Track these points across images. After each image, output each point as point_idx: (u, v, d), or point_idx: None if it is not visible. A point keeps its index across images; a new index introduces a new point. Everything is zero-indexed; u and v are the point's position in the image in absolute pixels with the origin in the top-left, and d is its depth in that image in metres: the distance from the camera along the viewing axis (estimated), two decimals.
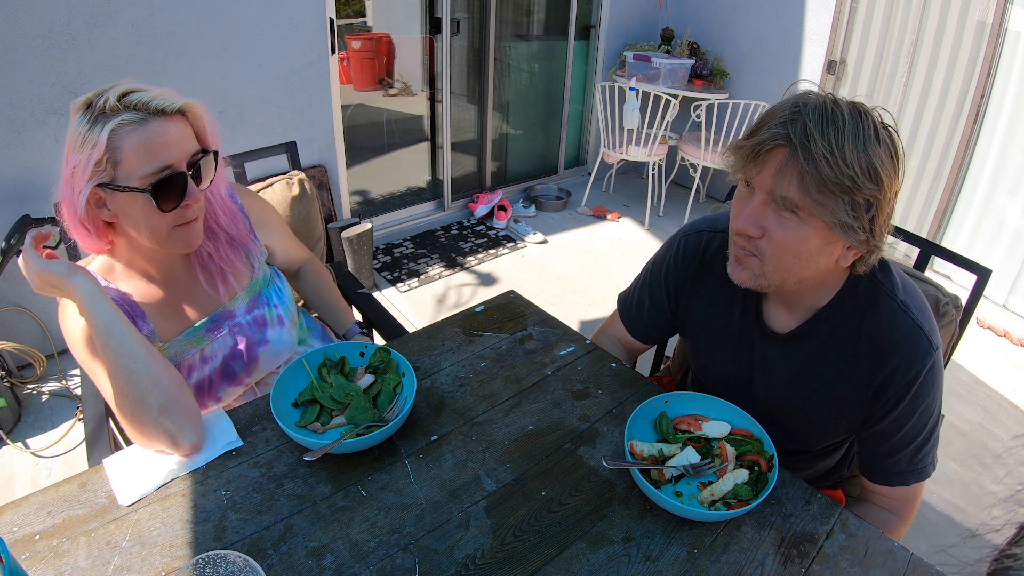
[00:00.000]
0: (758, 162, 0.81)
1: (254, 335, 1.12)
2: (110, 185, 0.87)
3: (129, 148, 0.85)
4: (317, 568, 0.76)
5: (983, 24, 2.83)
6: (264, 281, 1.17)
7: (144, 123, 0.86)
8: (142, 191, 0.88)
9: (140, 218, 0.91)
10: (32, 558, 0.75)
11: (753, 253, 0.87)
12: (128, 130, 0.85)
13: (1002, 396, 2.56)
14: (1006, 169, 2.95)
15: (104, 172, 0.86)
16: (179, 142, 0.90)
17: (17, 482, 1.93)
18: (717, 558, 0.81)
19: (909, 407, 0.92)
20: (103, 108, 0.85)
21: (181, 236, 0.96)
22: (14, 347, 2.19)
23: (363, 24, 3.86)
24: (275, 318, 1.15)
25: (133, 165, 0.86)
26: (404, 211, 3.65)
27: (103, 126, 0.84)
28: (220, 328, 1.09)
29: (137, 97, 0.86)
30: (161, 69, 2.31)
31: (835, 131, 0.75)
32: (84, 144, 0.84)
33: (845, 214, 0.77)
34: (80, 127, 0.85)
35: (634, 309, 1.21)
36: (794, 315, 0.98)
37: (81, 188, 0.86)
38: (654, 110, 3.55)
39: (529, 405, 1.05)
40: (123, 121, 0.85)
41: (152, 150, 0.87)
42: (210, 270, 1.07)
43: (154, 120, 0.87)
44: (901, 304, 0.90)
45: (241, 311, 1.12)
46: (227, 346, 1.09)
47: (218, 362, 1.09)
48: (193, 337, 1.06)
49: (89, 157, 0.84)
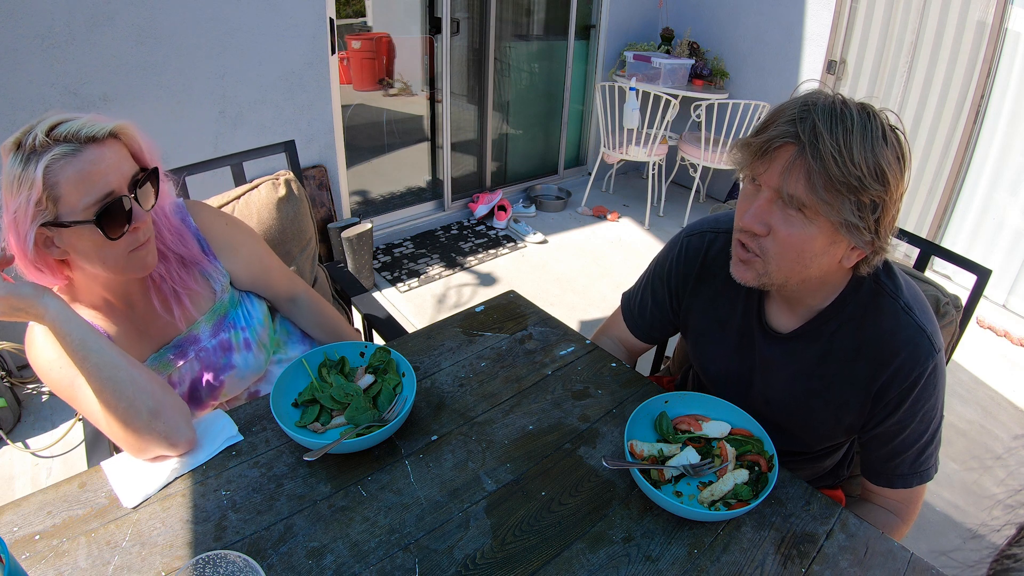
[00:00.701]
0: (766, 159, 0.81)
1: (219, 360, 1.10)
2: (54, 223, 0.84)
3: (66, 182, 0.82)
4: (317, 568, 0.76)
5: (983, 24, 2.83)
6: (231, 303, 1.13)
7: (77, 153, 0.83)
8: (87, 223, 0.85)
9: (91, 250, 0.88)
10: (32, 558, 0.75)
11: (757, 252, 0.87)
12: (62, 164, 0.82)
13: (1002, 396, 2.56)
14: (1006, 169, 2.95)
15: (46, 211, 0.83)
16: (116, 166, 0.87)
17: (17, 482, 1.93)
18: (717, 558, 0.81)
19: (911, 409, 0.92)
20: (33, 146, 0.82)
21: (137, 260, 0.93)
22: (14, 347, 2.19)
23: (363, 24, 3.86)
24: (241, 342, 1.13)
25: (74, 198, 0.83)
26: (404, 211, 3.65)
27: (36, 164, 0.81)
28: (186, 353, 1.08)
29: (65, 128, 0.83)
30: (161, 69, 2.31)
31: (844, 131, 0.75)
32: (21, 185, 0.81)
33: (851, 214, 0.77)
34: (13, 169, 0.82)
35: (636, 309, 1.21)
36: (796, 315, 0.98)
37: (26, 231, 0.83)
38: (654, 110, 3.55)
39: (529, 405, 1.05)
40: (55, 155, 0.82)
41: (90, 179, 0.84)
42: (164, 292, 1.04)
43: (87, 149, 0.84)
44: (904, 306, 0.90)
45: (206, 335, 1.09)
46: (193, 370, 1.08)
47: (185, 387, 1.08)
48: (158, 363, 1.05)
49: (28, 198, 0.81)
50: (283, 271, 1.25)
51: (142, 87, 2.28)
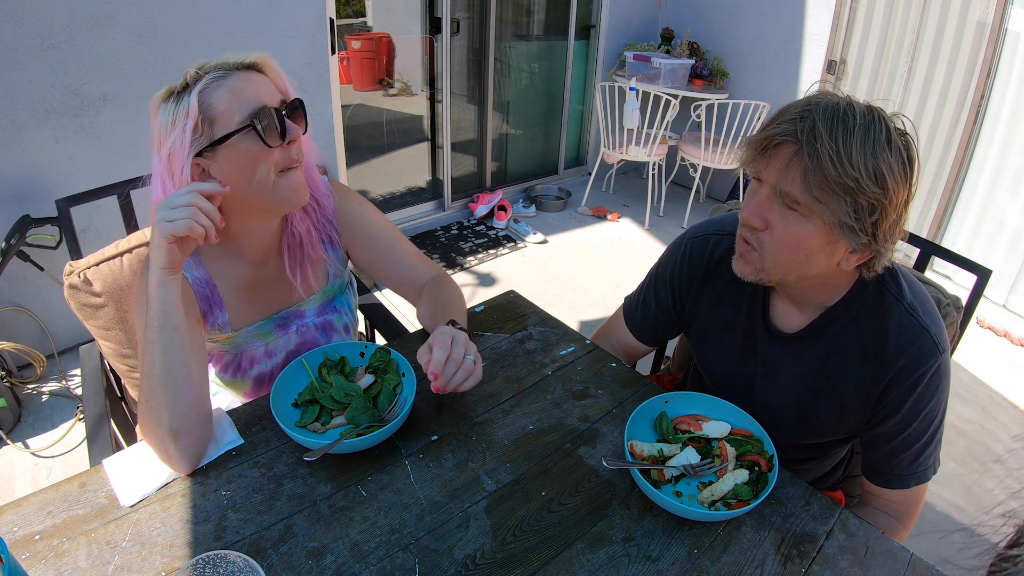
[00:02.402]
0: (766, 156, 0.83)
1: (318, 339, 1.15)
2: (210, 146, 0.87)
3: (219, 101, 0.86)
4: (317, 568, 0.76)
5: (983, 24, 2.83)
6: (340, 288, 1.18)
7: (227, 76, 0.88)
8: (244, 129, 0.87)
9: (246, 168, 0.90)
10: (32, 558, 0.75)
11: (755, 247, 0.88)
12: (214, 86, 0.87)
13: (1002, 396, 2.56)
14: (1006, 169, 2.95)
15: (202, 136, 0.87)
16: (266, 89, 0.91)
17: (17, 482, 1.93)
18: (717, 558, 0.81)
19: (913, 409, 0.92)
20: (185, 82, 0.87)
21: (288, 184, 0.94)
22: (14, 347, 2.19)
23: (363, 24, 3.86)
24: (342, 326, 1.18)
25: (228, 115, 0.87)
26: (404, 211, 3.65)
27: (190, 94, 0.86)
28: (289, 325, 1.12)
29: (212, 62, 0.88)
30: (161, 69, 2.31)
31: (844, 132, 0.76)
32: (176, 121, 0.86)
33: (846, 215, 0.78)
34: (167, 112, 0.87)
35: (639, 311, 1.21)
36: (802, 314, 0.98)
37: (182, 164, 0.87)
38: (654, 110, 3.55)
39: (529, 405, 1.05)
40: (207, 81, 0.86)
41: (242, 96, 0.87)
42: (295, 255, 1.07)
43: (236, 73, 0.89)
44: (908, 307, 0.91)
45: (311, 313, 1.14)
46: (290, 344, 1.12)
47: (280, 358, 1.12)
48: (262, 330, 1.09)
49: (184, 128, 0.86)
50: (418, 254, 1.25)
51: (142, 87, 2.28)
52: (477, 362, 0.97)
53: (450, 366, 0.93)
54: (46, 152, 2.16)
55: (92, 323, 1.16)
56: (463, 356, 0.95)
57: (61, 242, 2.19)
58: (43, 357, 2.30)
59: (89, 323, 1.16)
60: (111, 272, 1.15)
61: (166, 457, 0.88)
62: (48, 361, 2.34)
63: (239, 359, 1.11)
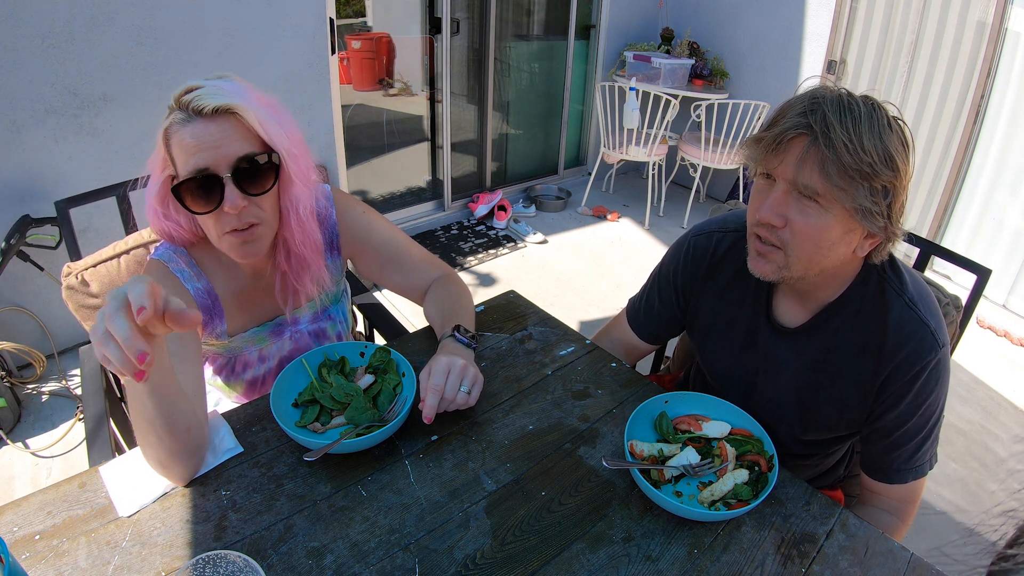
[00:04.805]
0: (779, 152, 0.83)
1: (312, 345, 1.15)
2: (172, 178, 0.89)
3: (175, 145, 0.86)
4: (317, 568, 0.76)
5: (983, 24, 2.83)
6: (335, 297, 1.18)
7: (187, 123, 0.85)
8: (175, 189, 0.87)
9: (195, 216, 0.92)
10: (32, 558, 0.75)
11: (776, 245, 0.88)
12: (175, 129, 0.86)
13: (1002, 396, 2.56)
14: (1006, 169, 2.95)
15: (168, 167, 0.89)
16: (218, 144, 0.85)
17: (17, 482, 1.93)
18: (717, 558, 0.81)
19: (912, 403, 0.93)
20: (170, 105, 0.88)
21: (230, 244, 0.91)
22: (14, 347, 2.19)
23: (363, 24, 3.86)
24: (335, 334, 1.19)
25: (180, 164, 0.87)
26: (404, 211, 3.65)
27: (165, 122, 0.87)
28: (283, 332, 1.13)
29: (189, 96, 0.85)
30: (161, 69, 2.31)
31: (853, 120, 0.78)
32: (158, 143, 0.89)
33: (865, 199, 0.80)
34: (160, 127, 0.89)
35: (643, 310, 1.22)
36: (805, 308, 0.99)
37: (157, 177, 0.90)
38: (654, 110, 3.55)
39: (529, 405, 1.05)
40: (173, 120, 0.86)
41: (188, 151, 0.85)
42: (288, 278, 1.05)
43: (196, 121, 0.85)
44: (909, 301, 0.91)
45: (305, 320, 1.15)
46: (283, 350, 1.13)
47: (273, 363, 1.13)
48: (256, 336, 1.10)
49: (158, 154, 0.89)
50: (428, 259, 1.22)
51: (142, 87, 2.28)
52: (473, 390, 0.97)
53: (442, 405, 0.94)
54: (46, 152, 2.16)
55: (90, 324, 1.16)
56: (457, 390, 0.95)
57: (61, 242, 2.19)
58: (43, 357, 2.30)
59: (88, 324, 1.16)
60: (108, 273, 1.15)
61: (164, 472, 0.86)
62: (48, 361, 2.34)
63: (232, 363, 1.12)
